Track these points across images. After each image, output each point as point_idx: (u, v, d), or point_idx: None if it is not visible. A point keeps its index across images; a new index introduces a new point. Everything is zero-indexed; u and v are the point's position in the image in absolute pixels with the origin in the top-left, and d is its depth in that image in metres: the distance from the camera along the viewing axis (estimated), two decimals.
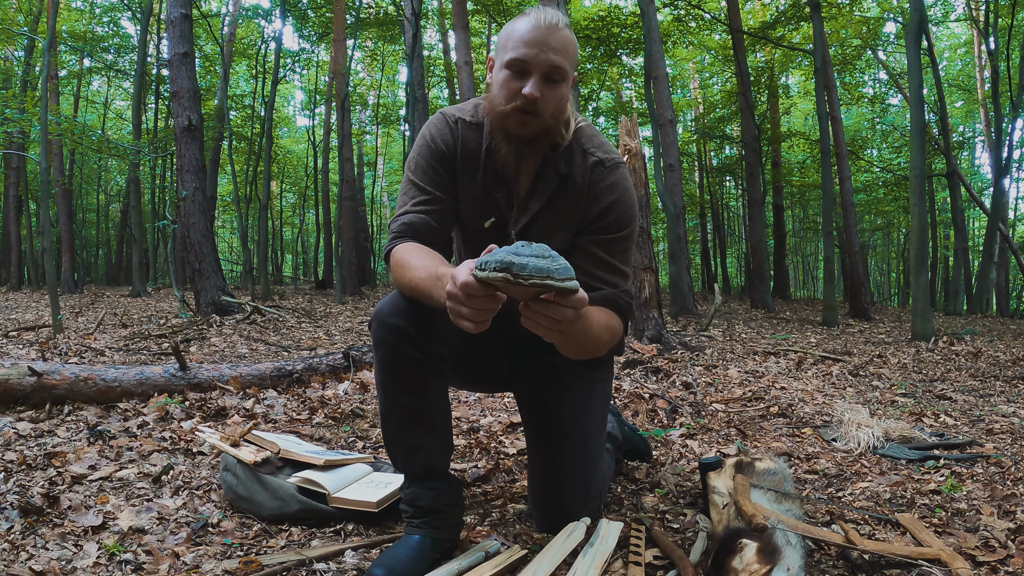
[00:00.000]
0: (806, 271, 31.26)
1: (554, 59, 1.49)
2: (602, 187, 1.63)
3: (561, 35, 1.51)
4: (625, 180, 1.65)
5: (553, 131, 1.59)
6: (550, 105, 1.53)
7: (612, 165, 1.64)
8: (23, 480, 1.97)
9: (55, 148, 14.79)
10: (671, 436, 2.73)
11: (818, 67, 10.23)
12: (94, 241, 24.86)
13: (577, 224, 1.64)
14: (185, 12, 8.06)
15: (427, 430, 1.59)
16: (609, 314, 1.56)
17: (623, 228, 1.63)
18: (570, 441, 1.72)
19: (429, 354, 1.52)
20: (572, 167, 1.63)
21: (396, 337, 1.49)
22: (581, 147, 1.64)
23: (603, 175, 1.63)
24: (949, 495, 2.08)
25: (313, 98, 21.95)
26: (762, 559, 1.36)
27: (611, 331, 1.55)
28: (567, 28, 1.53)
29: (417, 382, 1.54)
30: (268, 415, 2.90)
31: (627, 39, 14.93)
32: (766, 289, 13.59)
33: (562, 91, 1.54)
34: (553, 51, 1.49)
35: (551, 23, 1.50)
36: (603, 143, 1.67)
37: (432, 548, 1.55)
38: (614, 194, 1.62)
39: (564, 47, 1.51)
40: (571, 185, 1.63)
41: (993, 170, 14.65)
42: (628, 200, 1.64)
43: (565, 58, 1.51)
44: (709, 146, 22.89)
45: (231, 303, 7.88)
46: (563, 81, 1.53)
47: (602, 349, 1.55)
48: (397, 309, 1.50)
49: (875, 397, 3.82)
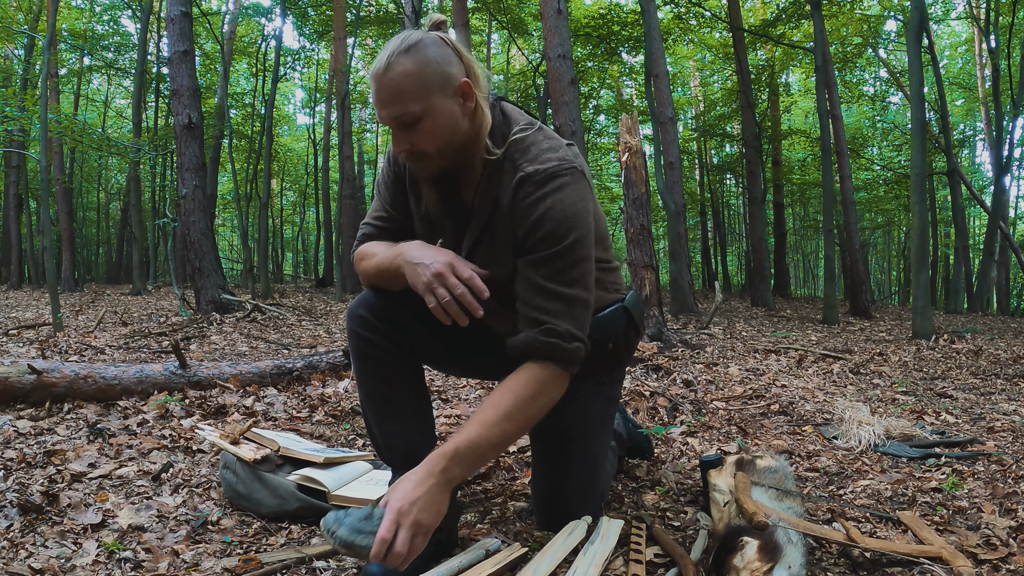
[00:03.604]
0: (807, 269, 31.26)
1: (389, 112, 1.38)
2: (527, 203, 1.44)
3: (387, 82, 1.36)
4: (560, 190, 1.43)
5: (463, 154, 1.48)
6: (426, 145, 1.41)
7: (543, 177, 1.44)
8: (23, 478, 1.97)
9: (55, 146, 14.80)
10: (672, 434, 2.73)
11: (819, 65, 10.22)
12: (94, 239, 24.87)
13: (514, 246, 1.49)
14: (185, 10, 8.06)
15: (401, 416, 1.62)
16: (523, 378, 1.41)
17: (557, 243, 1.42)
18: (571, 443, 1.71)
19: (393, 342, 1.58)
20: (501, 186, 1.48)
21: (361, 327, 1.57)
22: (512, 161, 1.48)
23: (529, 191, 1.44)
24: (950, 493, 2.08)
25: (313, 96, 21.95)
26: (763, 557, 1.36)
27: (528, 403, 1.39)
28: (400, 59, 1.36)
29: (386, 369, 1.60)
30: (268, 413, 2.89)
31: (627, 37, 14.93)
32: (766, 287, 13.58)
33: (428, 126, 1.40)
34: (386, 104, 1.38)
35: (376, 73, 1.37)
36: (541, 152, 1.47)
37: None
38: (541, 207, 1.42)
39: (395, 92, 1.36)
40: (500, 208, 1.49)
41: (994, 168, 14.64)
42: (561, 210, 1.42)
43: (402, 101, 1.37)
44: (710, 144, 22.88)
45: (231, 301, 7.88)
46: (421, 119, 1.39)
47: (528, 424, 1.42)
48: (363, 301, 1.59)
49: (876, 395, 3.81)
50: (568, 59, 7.89)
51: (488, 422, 1.35)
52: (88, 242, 23.72)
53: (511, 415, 1.37)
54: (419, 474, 1.29)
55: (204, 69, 18.03)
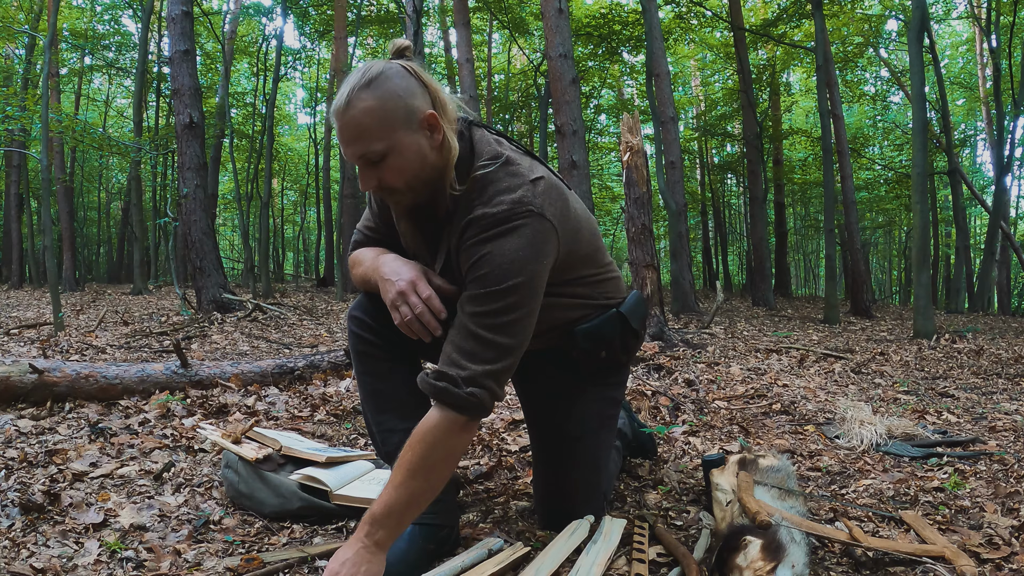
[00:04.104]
0: (807, 269, 31.24)
1: (353, 151, 1.35)
2: (468, 245, 1.39)
3: (349, 120, 1.33)
4: (504, 235, 1.35)
5: (431, 189, 1.44)
6: (395, 182, 1.38)
7: (489, 222, 1.37)
8: (24, 477, 1.97)
9: (56, 146, 14.79)
10: (674, 433, 2.73)
11: (820, 64, 10.21)
12: (95, 239, 24.87)
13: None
14: (186, 9, 8.06)
15: (397, 414, 1.64)
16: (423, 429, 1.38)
17: (490, 286, 1.35)
18: (573, 443, 1.70)
19: (387, 341, 1.63)
20: (451, 228, 1.44)
21: (357, 327, 1.66)
22: (469, 201, 1.41)
23: (473, 234, 1.38)
24: (952, 492, 2.08)
25: (314, 95, 21.95)
26: (766, 556, 1.36)
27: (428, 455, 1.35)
28: (360, 95, 1.32)
29: (381, 367, 1.66)
30: (270, 412, 2.89)
31: (628, 36, 14.92)
32: (768, 287, 13.57)
33: (395, 163, 1.36)
34: (351, 143, 1.34)
35: (337, 109, 1.34)
36: (496, 193, 1.39)
37: (424, 537, 1.54)
38: (482, 250, 1.36)
39: (357, 130, 1.32)
40: (450, 247, 1.46)
41: (995, 168, 14.63)
42: (501, 255, 1.34)
43: (365, 139, 1.33)
44: (711, 144, 22.86)
45: (232, 301, 7.88)
46: (387, 156, 1.35)
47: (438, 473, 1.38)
48: (359, 303, 1.68)
49: (877, 394, 3.81)
50: (569, 58, 7.89)
51: (396, 483, 1.35)
52: (89, 241, 23.72)
53: (415, 470, 1.35)
54: (350, 540, 1.36)
55: (205, 68, 18.04)
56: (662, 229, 19.99)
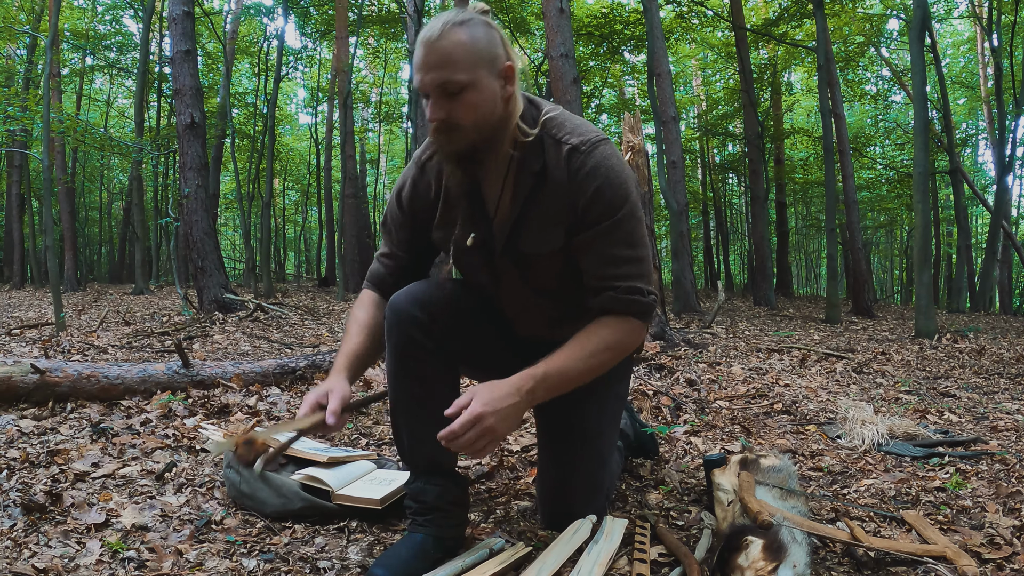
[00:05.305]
0: (809, 268, 31.22)
1: (439, 76, 1.38)
2: (583, 174, 1.49)
3: (439, 47, 1.38)
4: (608, 158, 1.50)
5: (496, 136, 1.49)
6: (465, 118, 1.42)
7: (589, 147, 1.50)
8: (26, 478, 1.97)
9: (57, 146, 14.80)
10: (675, 433, 2.73)
11: (821, 64, 10.20)
12: (97, 239, 24.89)
13: (568, 222, 1.52)
14: (187, 10, 8.06)
15: (435, 421, 1.55)
16: (608, 325, 1.49)
17: (617, 211, 1.49)
18: (580, 440, 1.70)
19: (441, 344, 1.56)
20: (547, 160, 1.51)
21: (409, 325, 1.53)
22: (553, 137, 1.52)
23: (581, 161, 1.49)
24: (954, 492, 2.07)
25: (316, 96, 21.97)
26: (768, 556, 1.36)
27: (610, 347, 1.48)
28: (454, 29, 1.39)
29: (427, 371, 1.57)
30: (271, 412, 2.90)
31: (630, 36, 14.90)
32: (769, 286, 13.56)
33: (471, 98, 1.41)
34: (433, 68, 1.38)
35: (428, 38, 1.39)
36: (577, 126, 1.53)
37: (434, 547, 1.54)
38: (598, 178, 1.48)
39: (445, 58, 1.38)
40: (550, 182, 1.52)
41: (996, 167, 14.60)
42: (616, 179, 1.49)
43: (451, 68, 1.38)
44: (712, 143, 22.85)
45: (234, 300, 7.88)
46: (466, 90, 1.40)
47: (606, 366, 1.49)
48: (411, 298, 1.55)
49: (879, 394, 3.81)
50: (570, 58, 7.89)
51: (576, 356, 1.44)
52: (90, 241, 23.74)
53: (596, 354, 1.46)
54: (506, 388, 1.36)
55: (206, 69, 18.05)
56: (663, 229, 19.97)
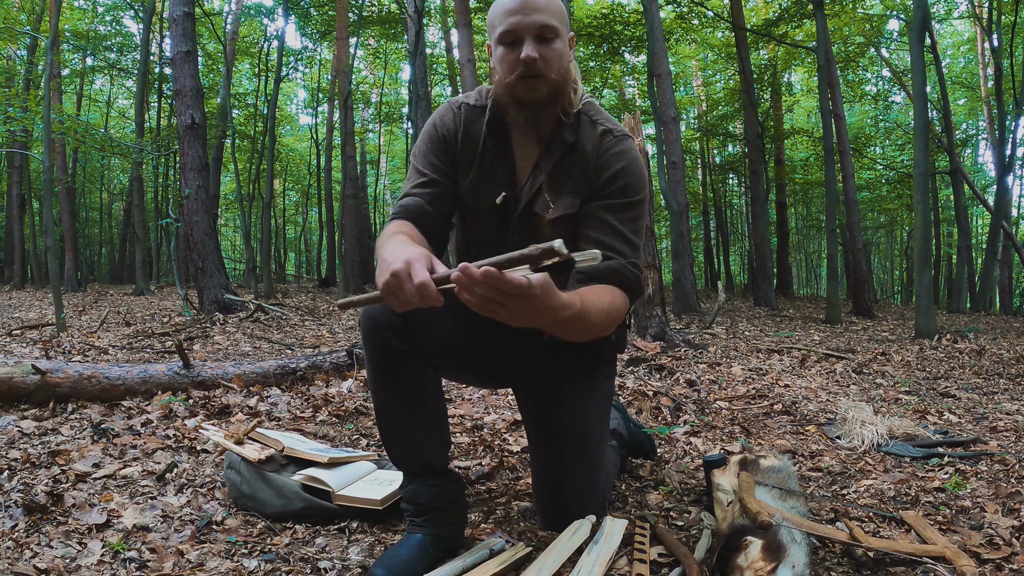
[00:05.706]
0: (809, 269, 31.20)
1: (539, 19, 1.50)
2: (611, 154, 1.62)
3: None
4: (635, 151, 1.64)
5: (562, 92, 1.59)
6: (552, 64, 1.53)
7: (621, 135, 1.65)
8: (27, 478, 1.97)
9: (58, 147, 14.81)
10: (675, 433, 2.73)
11: (821, 64, 10.20)
12: (97, 239, 24.88)
13: (585, 191, 1.62)
14: (188, 10, 8.07)
15: (421, 424, 1.59)
16: (611, 292, 1.49)
17: (633, 195, 1.61)
18: (570, 440, 1.71)
19: (416, 347, 1.52)
20: (580, 135, 1.64)
21: (383, 331, 1.50)
22: (590, 117, 1.66)
23: (612, 143, 1.63)
24: (953, 493, 2.08)
25: (316, 96, 21.97)
26: (767, 556, 1.36)
27: (610, 313, 1.45)
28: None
29: (407, 376, 1.55)
30: (272, 413, 2.90)
31: (630, 36, 14.91)
32: (769, 287, 13.55)
33: (559, 48, 1.54)
34: (537, 11, 1.50)
35: None
36: (611, 118, 1.68)
37: (434, 546, 1.54)
38: (623, 161, 1.61)
39: (545, 5, 1.51)
40: (579, 153, 1.63)
41: (996, 167, 14.60)
42: (637, 169, 1.62)
43: (552, 15, 1.52)
44: (712, 144, 22.84)
45: (234, 301, 7.88)
46: (557, 38, 1.53)
47: (600, 332, 1.47)
48: (386, 306, 1.48)
49: (879, 395, 3.81)
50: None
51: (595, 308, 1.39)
52: (91, 242, 23.73)
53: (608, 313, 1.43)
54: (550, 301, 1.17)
55: (207, 69, 18.05)
56: (664, 229, 19.97)
